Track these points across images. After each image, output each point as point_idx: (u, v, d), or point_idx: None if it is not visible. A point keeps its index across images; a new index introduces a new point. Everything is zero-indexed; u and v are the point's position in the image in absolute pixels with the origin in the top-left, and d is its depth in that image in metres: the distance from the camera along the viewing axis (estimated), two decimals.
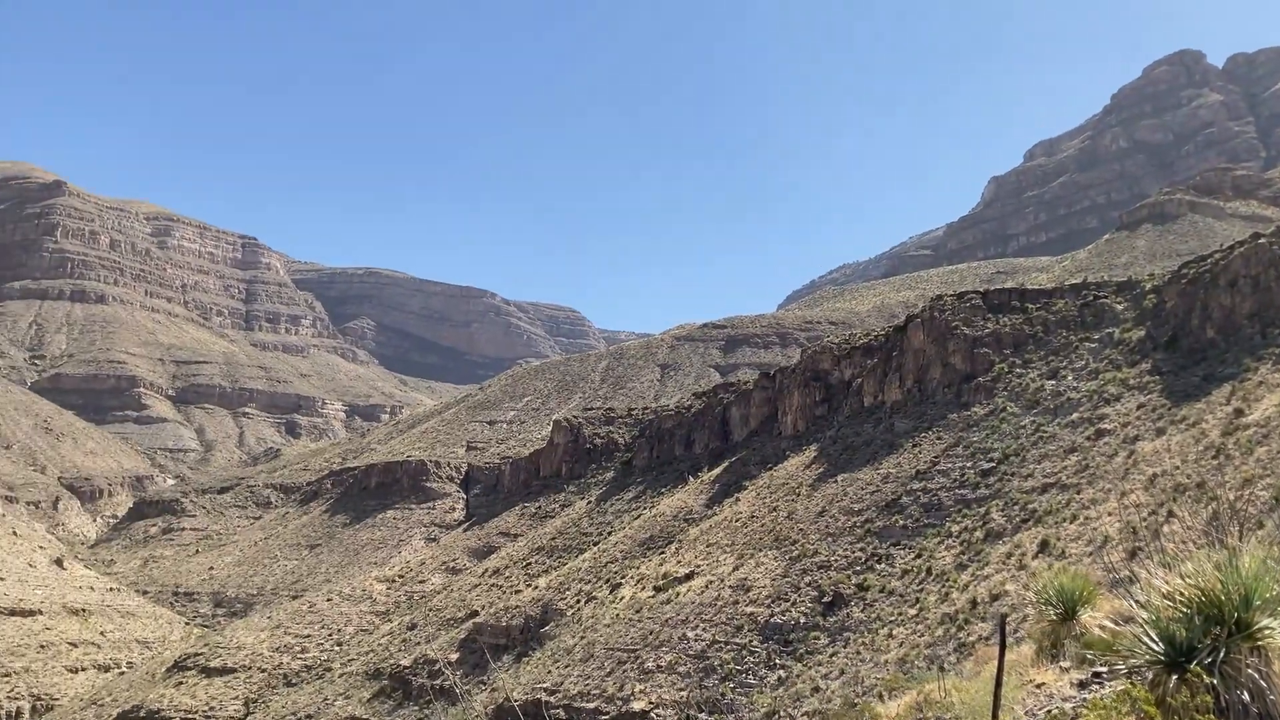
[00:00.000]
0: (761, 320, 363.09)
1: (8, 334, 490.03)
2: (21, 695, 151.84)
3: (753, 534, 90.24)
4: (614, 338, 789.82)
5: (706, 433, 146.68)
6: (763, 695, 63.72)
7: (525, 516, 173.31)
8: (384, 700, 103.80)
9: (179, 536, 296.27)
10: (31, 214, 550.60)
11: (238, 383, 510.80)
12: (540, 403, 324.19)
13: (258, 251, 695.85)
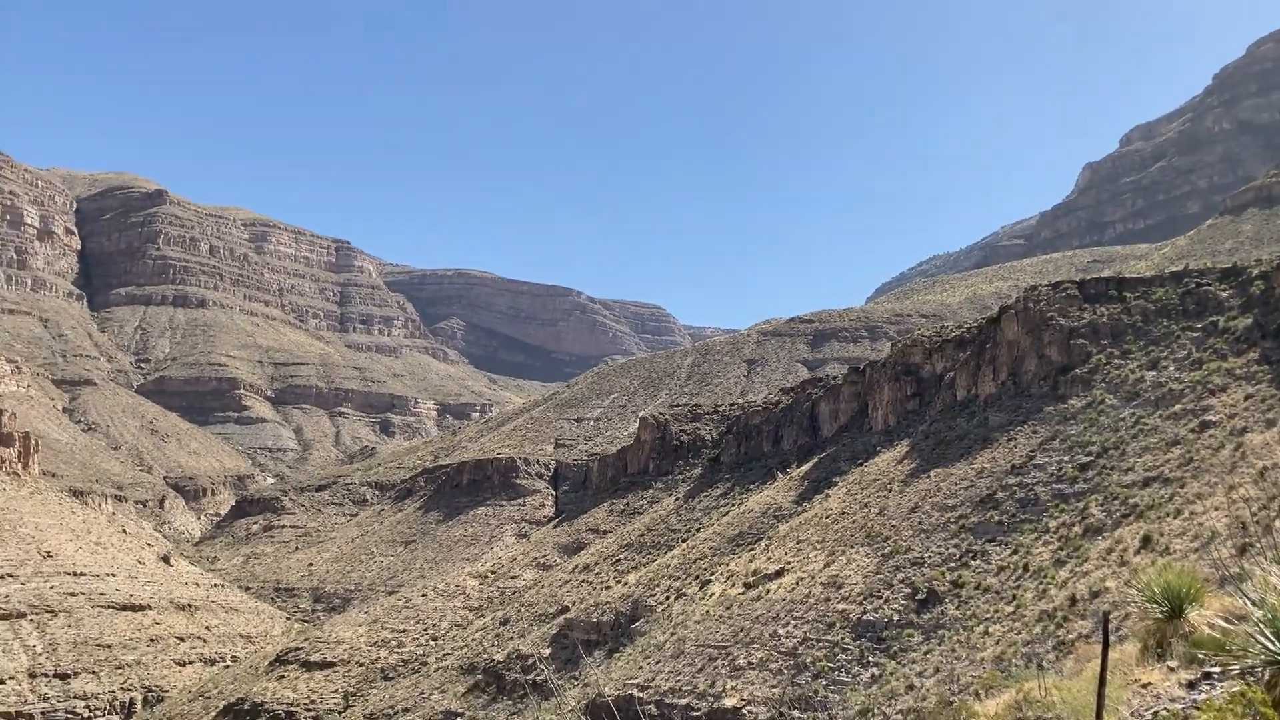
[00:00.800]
0: (850, 314, 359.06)
1: (114, 339, 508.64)
2: (134, 687, 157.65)
3: (844, 530, 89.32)
4: (699, 334, 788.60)
5: (795, 428, 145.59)
6: (856, 693, 63.05)
7: (614, 513, 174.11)
8: (478, 694, 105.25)
9: (279, 534, 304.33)
10: (135, 222, 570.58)
11: (333, 383, 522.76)
12: (626, 400, 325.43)
13: (351, 255, 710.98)
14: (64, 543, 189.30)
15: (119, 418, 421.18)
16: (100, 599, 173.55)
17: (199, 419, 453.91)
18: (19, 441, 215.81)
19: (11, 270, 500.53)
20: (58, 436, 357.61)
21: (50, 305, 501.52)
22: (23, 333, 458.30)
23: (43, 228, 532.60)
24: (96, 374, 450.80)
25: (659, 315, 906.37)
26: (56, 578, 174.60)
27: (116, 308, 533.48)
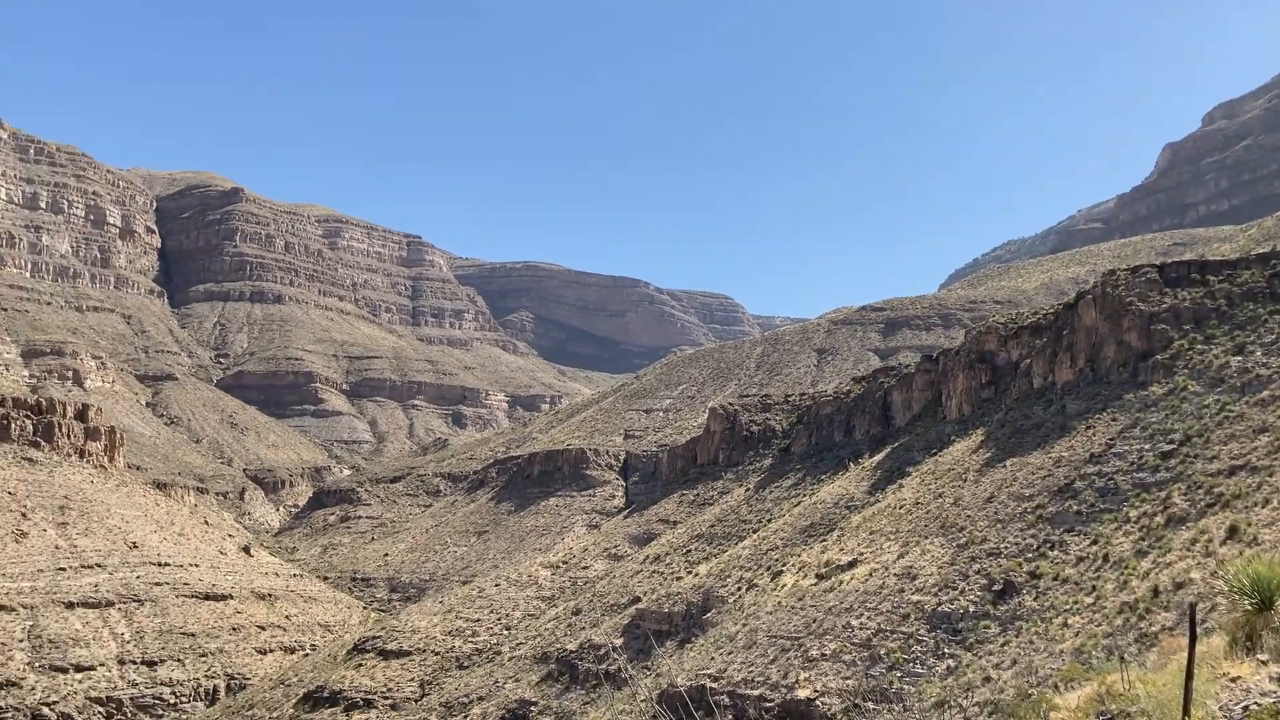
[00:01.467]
0: (922, 301, 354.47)
1: (194, 335, 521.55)
2: (218, 674, 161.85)
3: (917, 521, 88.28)
4: (768, 323, 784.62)
5: (867, 418, 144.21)
6: (931, 685, 62.34)
7: (684, 504, 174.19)
8: (552, 683, 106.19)
9: (355, 524, 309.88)
10: (213, 220, 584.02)
11: (406, 376, 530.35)
12: (695, 390, 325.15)
13: (422, 249, 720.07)
14: (149, 534, 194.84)
15: (200, 412, 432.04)
16: (184, 588, 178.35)
17: (277, 412, 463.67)
18: (105, 436, 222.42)
19: (96, 269, 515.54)
20: (142, 430, 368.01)
21: (133, 302, 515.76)
22: (107, 330, 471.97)
23: (124, 227, 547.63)
24: (178, 369, 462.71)
25: (727, 305, 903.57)
26: (142, 568, 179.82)
27: (196, 304, 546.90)
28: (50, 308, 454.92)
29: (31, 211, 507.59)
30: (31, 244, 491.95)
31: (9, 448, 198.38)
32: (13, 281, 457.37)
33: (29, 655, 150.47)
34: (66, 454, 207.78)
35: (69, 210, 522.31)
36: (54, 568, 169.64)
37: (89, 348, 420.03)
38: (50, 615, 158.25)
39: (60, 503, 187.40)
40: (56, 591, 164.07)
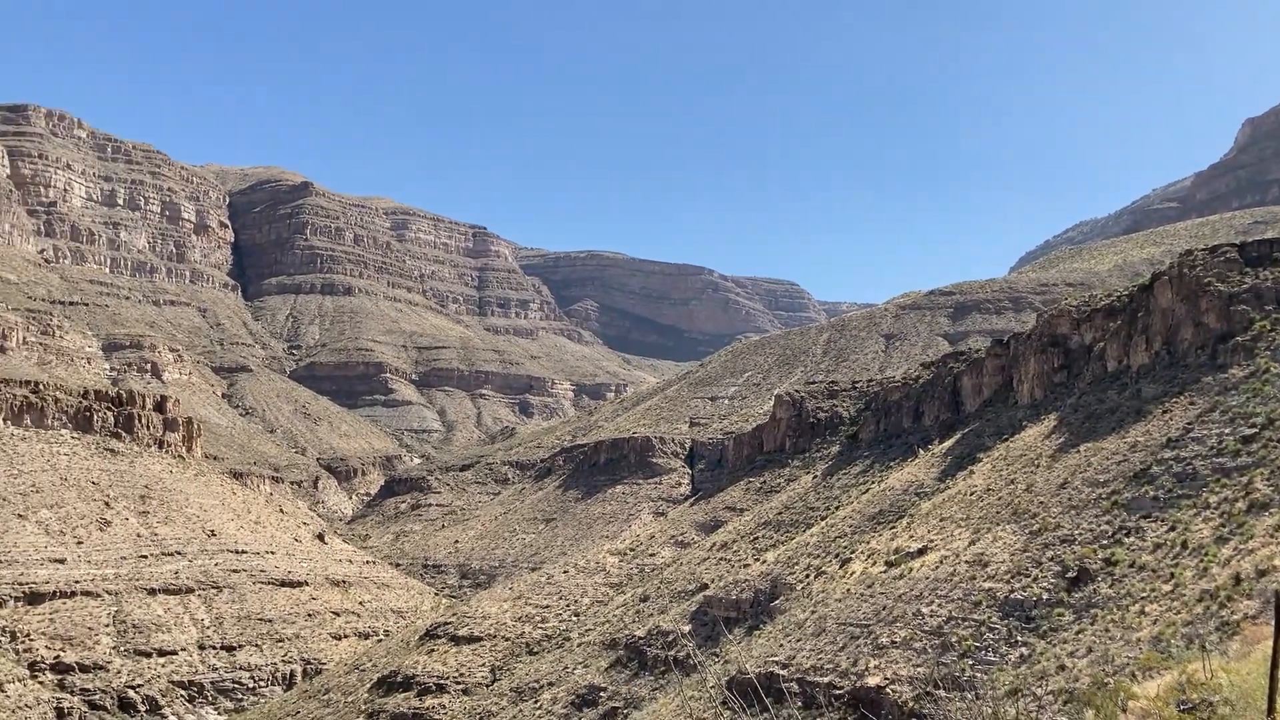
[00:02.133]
0: (992, 285, 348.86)
1: (268, 327, 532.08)
2: (294, 659, 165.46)
3: (989, 508, 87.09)
4: (835, 309, 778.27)
5: (936, 404, 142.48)
6: (1004, 672, 61.55)
7: (750, 491, 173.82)
8: (621, 670, 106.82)
9: (426, 512, 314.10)
10: (283, 214, 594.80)
11: (474, 365, 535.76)
12: (761, 378, 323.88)
13: (487, 240, 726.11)
14: (226, 522, 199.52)
15: (274, 402, 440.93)
16: (261, 575, 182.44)
17: (348, 402, 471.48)
18: (183, 426, 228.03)
19: (172, 264, 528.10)
20: (218, 421, 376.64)
21: (208, 296, 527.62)
22: (183, 323, 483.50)
23: (199, 222, 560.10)
24: (252, 361, 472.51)
25: (793, 292, 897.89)
26: (220, 555, 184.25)
27: (268, 297, 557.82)
28: (129, 302, 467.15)
29: (110, 209, 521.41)
30: (110, 240, 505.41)
31: (92, 439, 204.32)
32: (93, 277, 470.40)
33: (115, 640, 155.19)
34: (146, 444, 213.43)
35: (145, 207, 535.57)
36: (136, 555, 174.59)
37: (166, 341, 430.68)
38: (134, 601, 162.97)
39: (141, 492, 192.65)
40: (139, 578, 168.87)
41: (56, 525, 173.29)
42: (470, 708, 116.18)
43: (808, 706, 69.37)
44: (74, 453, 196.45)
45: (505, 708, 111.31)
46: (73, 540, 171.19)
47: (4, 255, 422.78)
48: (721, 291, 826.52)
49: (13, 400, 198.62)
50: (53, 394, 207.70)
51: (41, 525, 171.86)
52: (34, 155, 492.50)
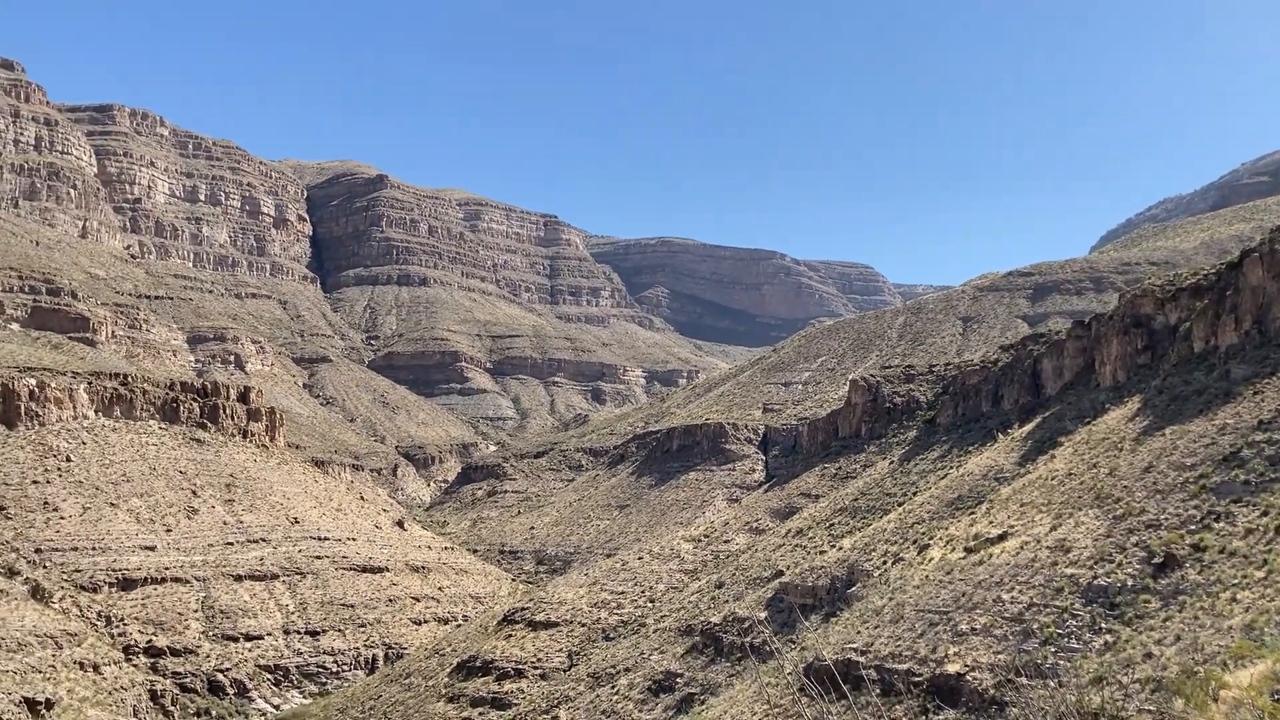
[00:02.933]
0: (1073, 265, 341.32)
1: (346, 318, 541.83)
2: (376, 644, 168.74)
3: (1071, 492, 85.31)
4: (910, 292, 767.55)
5: (1015, 387, 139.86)
6: (1088, 660, 60.33)
7: (826, 477, 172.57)
8: (697, 656, 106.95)
9: (502, 498, 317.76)
10: (360, 207, 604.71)
11: (546, 354, 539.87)
12: (835, 362, 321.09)
13: (558, 229, 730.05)
14: (309, 509, 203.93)
15: (353, 392, 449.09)
16: (343, 561, 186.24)
17: (425, 391, 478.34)
18: (266, 416, 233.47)
19: (253, 257, 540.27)
20: (300, 410, 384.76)
21: (288, 288, 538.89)
22: (265, 315, 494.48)
23: (278, 216, 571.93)
24: (331, 351, 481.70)
25: (867, 274, 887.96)
26: (304, 542, 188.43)
27: (346, 288, 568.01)
28: (212, 295, 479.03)
29: (192, 204, 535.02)
30: (193, 235, 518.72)
31: (179, 429, 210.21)
32: (177, 271, 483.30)
33: (203, 625, 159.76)
34: (231, 434, 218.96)
35: (226, 202, 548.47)
36: (223, 542, 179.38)
37: (249, 333, 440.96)
38: (221, 587, 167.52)
39: (227, 480, 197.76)
40: (226, 565, 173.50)
41: (146, 513, 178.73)
42: (548, 692, 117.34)
43: (886, 694, 68.78)
44: (162, 443, 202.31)
45: (582, 692, 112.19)
46: (162, 528, 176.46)
47: (93, 251, 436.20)
48: (794, 275, 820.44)
49: (104, 392, 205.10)
50: (141, 386, 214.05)
51: (132, 513, 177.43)
52: (119, 154, 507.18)
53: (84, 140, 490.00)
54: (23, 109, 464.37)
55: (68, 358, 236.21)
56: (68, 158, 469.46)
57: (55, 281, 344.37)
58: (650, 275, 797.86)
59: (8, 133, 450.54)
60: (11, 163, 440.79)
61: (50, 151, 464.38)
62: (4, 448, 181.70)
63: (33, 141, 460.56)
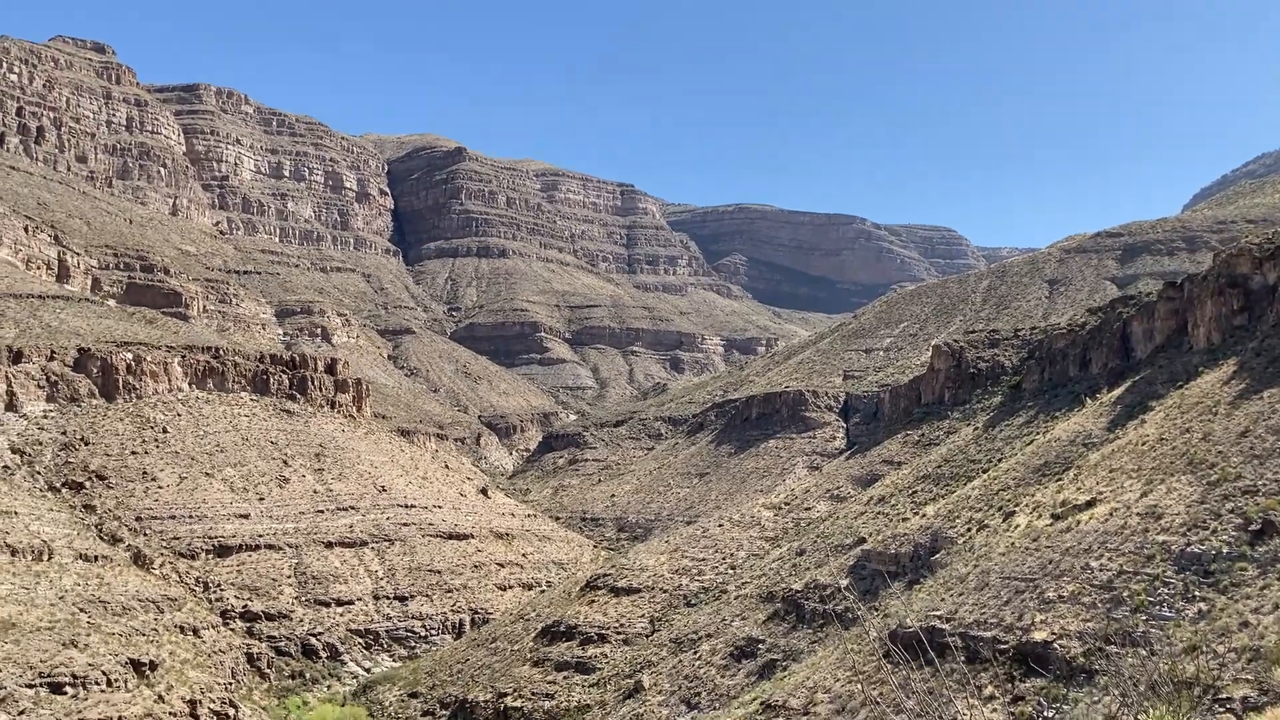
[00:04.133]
0: (1164, 224, 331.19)
1: (428, 290, 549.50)
2: (463, 609, 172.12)
3: (1162, 458, 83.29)
4: (994, 255, 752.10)
5: (1104, 351, 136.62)
6: (1180, 629, 59.08)
7: (908, 444, 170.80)
8: (778, 622, 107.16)
9: (583, 467, 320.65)
10: (439, 180, 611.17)
11: (625, 323, 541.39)
12: (917, 328, 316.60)
13: (635, 198, 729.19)
14: (396, 478, 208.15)
15: (436, 363, 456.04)
16: (429, 529, 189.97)
17: (505, 361, 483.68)
18: (353, 387, 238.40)
19: (336, 231, 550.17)
20: (385, 382, 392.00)
21: (371, 262, 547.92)
22: (349, 288, 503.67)
23: (360, 190, 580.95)
24: (414, 323, 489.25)
25: (950, 238, 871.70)
26: (391, 509, 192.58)
27: (427, 261, 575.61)
28: (298, 269, 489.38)
29: (276, 180, 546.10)
30: (279, 210, 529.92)
31: (269, 401, 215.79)
32: (264, 246, 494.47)
33: (296, 590, 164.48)
34: (319, 405, 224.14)
35: (310, 177, 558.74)
36: (313, 510, 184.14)
37: (334, 306, 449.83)
38: (312, 554, 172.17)
39: (316, 450, 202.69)
40: (316, 532, 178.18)
41: (240, 482, 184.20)
42: (631, 657, 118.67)
43: (971, 661, 68.21)
44: (253, 414, 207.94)
45: (665, 658, 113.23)
46: (255, 496, 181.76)
47: (184, 228, 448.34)
48: (874, 240, 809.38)
49: (197, 365, 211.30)
50: (232, 359, 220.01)
51: (226, 483, 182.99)
52: (206, 132, 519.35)
53: (172, 120, 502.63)
54: (114, 91, 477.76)
55: (162, 332, 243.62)
56: (157, 137, 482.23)
57: (148, 258, 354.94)
58: (728, 243, 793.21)
59: (100, 114, 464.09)
60: (105, 143, 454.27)
61: (141, 131, 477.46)
62: (104, 420, 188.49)
63: (124, 122, 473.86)
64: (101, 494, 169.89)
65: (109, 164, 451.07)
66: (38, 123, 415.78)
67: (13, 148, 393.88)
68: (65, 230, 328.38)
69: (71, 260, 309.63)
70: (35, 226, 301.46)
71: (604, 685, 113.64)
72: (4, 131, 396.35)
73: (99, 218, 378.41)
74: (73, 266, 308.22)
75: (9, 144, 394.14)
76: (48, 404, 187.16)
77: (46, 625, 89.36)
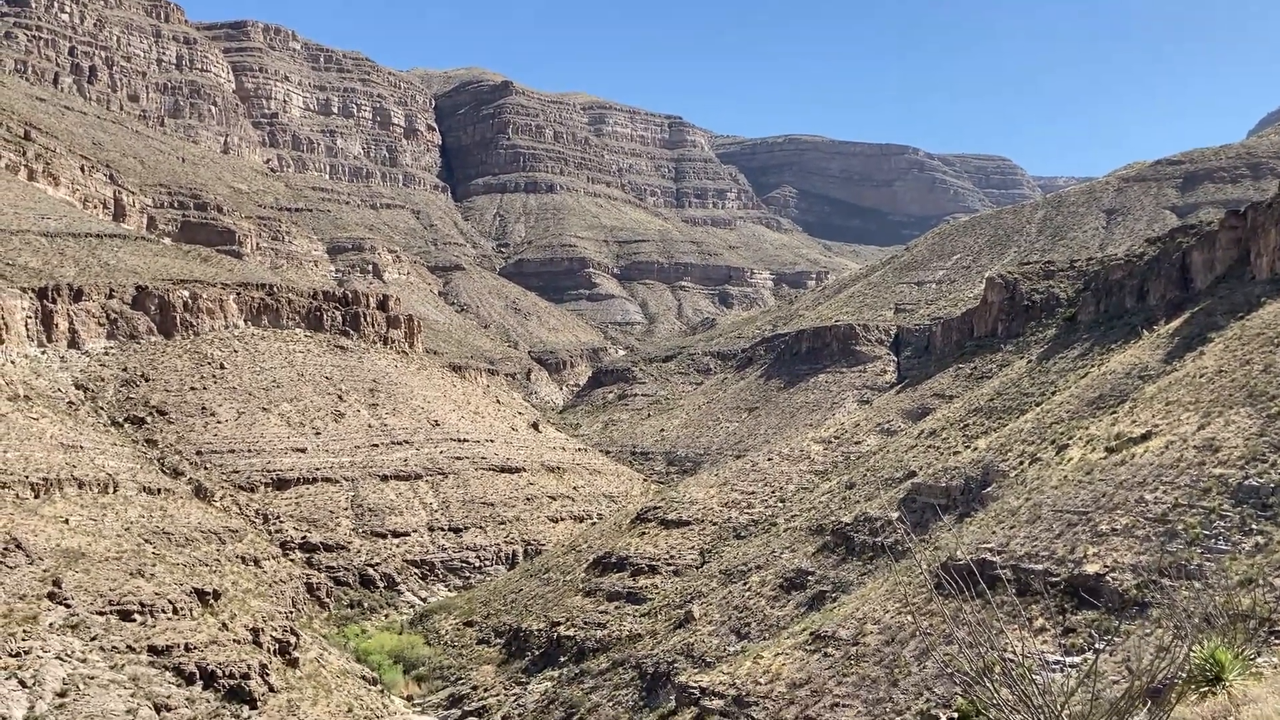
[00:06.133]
0: (1227, 151, 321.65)
1: (476, 226, 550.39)
2: (516, 540, 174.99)
3: (1221, 390, 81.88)
4: (1050, 185, 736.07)
5: (1163, 282, 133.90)
6: (1237, 561, 58.53)
7: (960, 377, 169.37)
8: (827, 555, 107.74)
9: (632, 402, 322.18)
10: (486, 115, 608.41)
11: (673, 258, 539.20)
12: (970, 260, 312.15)
13: (683, 130, 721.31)
14: (448, 412, 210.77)
15: (486, 299, 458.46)
16: (482, 462, 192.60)
17: (554, 297, 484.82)
18: (405, 324, 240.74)
19: (385, 168, 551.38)
20: (436, 318, 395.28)
21: (420, 198, 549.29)
22: (399, 225, 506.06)
23: (408, 126, 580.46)
24: (464, 259, 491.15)
25: (1004, 168, 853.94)
26: (444, 443, 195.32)
27: (476, 197, 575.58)
28: (348, 206, 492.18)
29: (325, 117, 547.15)
30: (328, 147, 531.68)
31: (323, 337, 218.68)
32: (314, 184, 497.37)
33: (353, 522, 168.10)
34: (372, 341, 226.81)
35: (358, 114, 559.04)
36: (368, 444, 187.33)
37: (385, 242, 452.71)
38: (368, 487, 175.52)
39: (370, 385, 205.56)
40: (372, 465, 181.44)
41: (296, 417, 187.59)
42: (681, 588, 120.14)
43: (1022, 594, 68.21)
44: (308, 350, 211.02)
45: (715, 589, 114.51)
46: (311, 431, 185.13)
47: (235, 166, 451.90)
48: (927, 171, 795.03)
49: (252, 302, 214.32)
50: (286, 296, 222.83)
51: (283, 417, 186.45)
52: (255, 70, 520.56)
53: (221, 57, 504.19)
54: (163, 29, 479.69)
55: (217, 270, 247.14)
56: (207, 75, 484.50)
57: (202, 197, 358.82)
58: (777, 175, 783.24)
59: (150, 53, 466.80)
60: (155, 82, 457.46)
61: (190, 70, 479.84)
62: (163, 356, 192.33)
63: (174, 61, 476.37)
64: (162, 429, 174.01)
65: (160, 103, 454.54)
66: (90, 62, 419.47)
67: (66, 87, 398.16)
68: (120, 169, 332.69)
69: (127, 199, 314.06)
70: (91, 166, 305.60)
71: (655, 615, 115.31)
72: (58, 71, 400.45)
73: (152, 156, 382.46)
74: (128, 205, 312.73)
75: (63, 84, 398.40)
76: (108, 341, 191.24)
77: (114, 555, 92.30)
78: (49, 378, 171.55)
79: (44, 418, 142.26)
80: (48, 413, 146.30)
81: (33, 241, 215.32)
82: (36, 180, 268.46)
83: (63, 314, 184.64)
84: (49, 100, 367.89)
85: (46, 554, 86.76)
